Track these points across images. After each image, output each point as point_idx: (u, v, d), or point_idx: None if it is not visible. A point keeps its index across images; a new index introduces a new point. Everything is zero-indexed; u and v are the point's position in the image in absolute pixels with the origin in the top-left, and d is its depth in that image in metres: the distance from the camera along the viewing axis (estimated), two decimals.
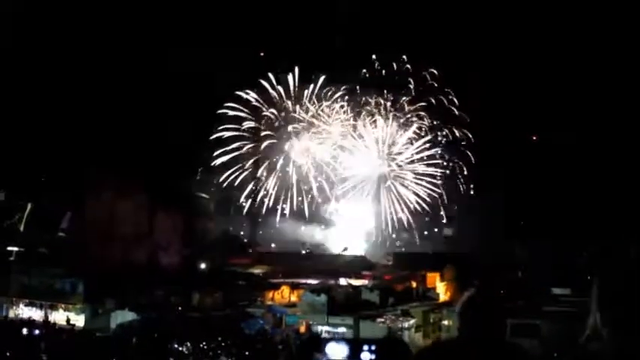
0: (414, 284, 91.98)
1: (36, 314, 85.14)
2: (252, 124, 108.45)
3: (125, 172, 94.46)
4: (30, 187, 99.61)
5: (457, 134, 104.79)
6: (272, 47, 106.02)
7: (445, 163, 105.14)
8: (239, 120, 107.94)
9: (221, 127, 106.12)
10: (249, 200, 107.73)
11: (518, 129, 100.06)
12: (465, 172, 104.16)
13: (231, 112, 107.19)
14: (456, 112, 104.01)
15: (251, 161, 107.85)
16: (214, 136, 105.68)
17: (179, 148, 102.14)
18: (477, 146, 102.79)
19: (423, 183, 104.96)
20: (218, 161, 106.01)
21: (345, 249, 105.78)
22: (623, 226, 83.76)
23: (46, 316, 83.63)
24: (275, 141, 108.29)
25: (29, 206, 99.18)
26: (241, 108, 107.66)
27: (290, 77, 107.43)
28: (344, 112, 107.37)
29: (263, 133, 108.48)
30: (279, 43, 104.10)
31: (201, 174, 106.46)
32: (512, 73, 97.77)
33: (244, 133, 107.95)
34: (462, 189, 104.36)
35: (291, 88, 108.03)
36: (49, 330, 79.63)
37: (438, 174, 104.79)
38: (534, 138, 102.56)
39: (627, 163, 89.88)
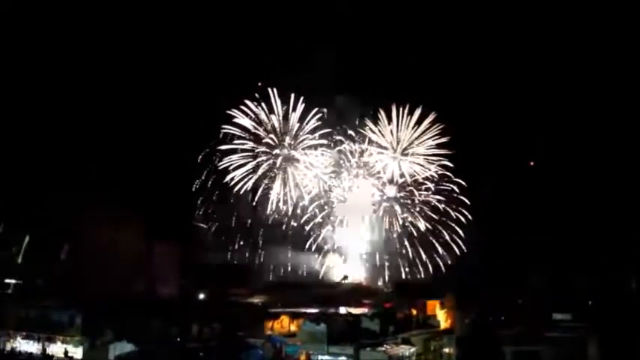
0: (415, 312, 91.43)
1: (33, 347, 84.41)
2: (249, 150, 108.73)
3: (123, 204, 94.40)
4: (28, 219, 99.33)
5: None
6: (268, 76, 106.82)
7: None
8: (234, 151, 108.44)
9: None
10: (248, 229, 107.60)
11: (517, 155, 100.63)
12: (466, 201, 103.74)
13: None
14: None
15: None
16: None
17: (178, 179, 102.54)
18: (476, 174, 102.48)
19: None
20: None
21: (345, 277, 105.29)
22: (624, 256, 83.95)
23: (44, 349, 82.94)
24: (272, 170, 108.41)
25: (27, 238, 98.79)
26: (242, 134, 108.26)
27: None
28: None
29: (259, 162, 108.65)
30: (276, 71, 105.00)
31: (201, 203, 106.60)
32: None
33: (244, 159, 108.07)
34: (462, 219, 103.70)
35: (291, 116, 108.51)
36: None
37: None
38: (532, 163, 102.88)
39: (629, 194, 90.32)
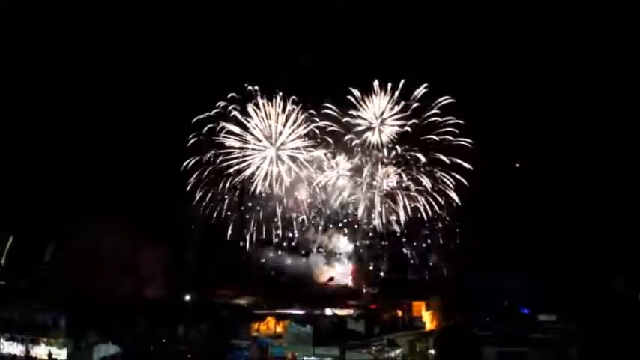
0: (400, 313, 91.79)
1: (17, 349, 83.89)
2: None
3: (109, 204, 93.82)
4: (12, 219, 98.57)
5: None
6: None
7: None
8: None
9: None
10: (234, 230, 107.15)
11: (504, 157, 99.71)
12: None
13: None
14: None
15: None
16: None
17: (162, 179, 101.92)
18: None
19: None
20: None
21: (331, 279, 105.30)
22: (610, 257, 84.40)
23: (28, 351, 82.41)
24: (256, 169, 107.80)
25: (11, 239, 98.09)
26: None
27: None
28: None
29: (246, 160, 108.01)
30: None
31: (186, 205, 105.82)
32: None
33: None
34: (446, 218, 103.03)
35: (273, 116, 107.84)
36: None
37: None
38: (517, 165, 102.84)
39: (614, 195, 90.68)
